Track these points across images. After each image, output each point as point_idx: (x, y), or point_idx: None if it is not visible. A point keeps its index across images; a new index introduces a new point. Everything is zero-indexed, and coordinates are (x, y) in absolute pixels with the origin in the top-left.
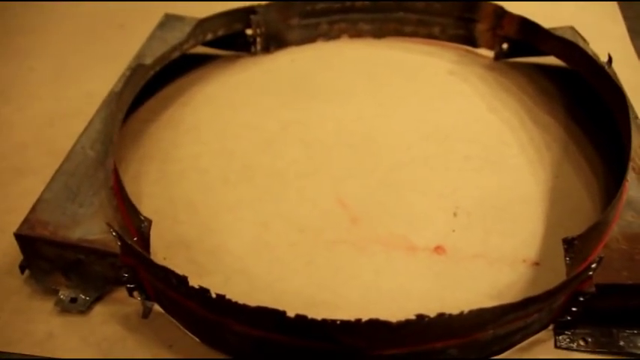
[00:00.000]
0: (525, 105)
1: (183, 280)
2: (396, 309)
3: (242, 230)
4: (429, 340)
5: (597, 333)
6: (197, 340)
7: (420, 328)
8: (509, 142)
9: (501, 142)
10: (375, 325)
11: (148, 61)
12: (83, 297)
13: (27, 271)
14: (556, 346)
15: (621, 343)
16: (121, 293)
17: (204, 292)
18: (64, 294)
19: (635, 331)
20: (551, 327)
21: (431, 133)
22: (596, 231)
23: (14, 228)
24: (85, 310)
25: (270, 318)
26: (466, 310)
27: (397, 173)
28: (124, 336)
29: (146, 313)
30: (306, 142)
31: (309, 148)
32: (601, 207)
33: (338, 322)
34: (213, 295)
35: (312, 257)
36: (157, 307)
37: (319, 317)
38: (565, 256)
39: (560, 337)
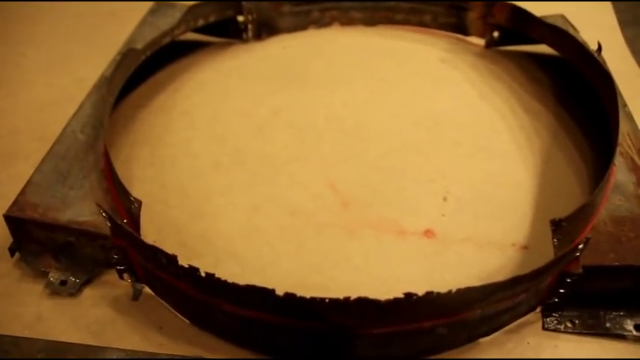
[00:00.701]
0: (516, 92)
1: (172, 259)
2: (385, 291)
3: (233, 214)
4: (418, 319)
5: (584, 315)
6: (187, 321)
7: (409, 306)
8: (500, 128)
9: (492, 128)
10: (364, 303)
11: (139, 46)
12: (73, 279)
13: (17, 254)
14: (544, 328)
15: (608, 324)
16: (111, 276)
17: (193, 271)
18: (54, 276)
19: (622, 313)
20: (538, 309)
21: (421, 120)
22: (583, 213)
23: (4, 212)
24: (75, 292)
25: (259, 297)
26: (454, 289)
27: (388, 158)
28: (114, 318)
29: (136, 296)
30: (297, 128)
31: (300, 134)
32: (589, 193)
33: (327, 301)
34: (203, 274)
35: (303, 240)
36: (146, 290)
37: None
38: (553, 238)
39: (548, 319)
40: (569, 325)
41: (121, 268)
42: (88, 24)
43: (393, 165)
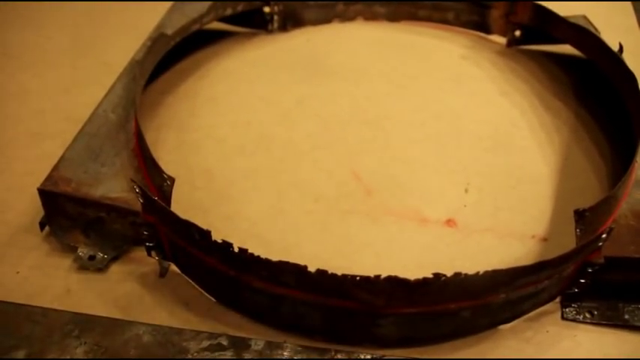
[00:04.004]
0: (536, 90)
1: (206, 234)
2: (407, 276)
3: (258, 198)
4: (444, 300)
5: (603, 306)
6: (213, 300)
7: (437, 286)
8: (520, 124)
9: (512, 124)
10: (393, 281)
11: (168, 32)
12: (101, 255)
13: (46, 229)
14: (563, 318)
15: (626, 316)
16: (138, 253)
17: (227, 246)
18: (83, 251)
19: None
20: (558, 299)
21: (443, 113)
22: (606, 205)
23: (32, 189)
24: (103, 267)
25: (291, 273)
26: (482, 270)
27: (410, 149)
28: (141, 294)
29: (163, 273)
30: (321, 117)
31: (324, 123)
32: (609, 189)
33: (357, 278)
34: (236, 250)
35: (327, 225)
36: (173, 268)
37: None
38: (575, 227)
39: (567, 310)
40: (587, 315)
41: (150, 244)
42: (113, 9)
43: (415, 156)
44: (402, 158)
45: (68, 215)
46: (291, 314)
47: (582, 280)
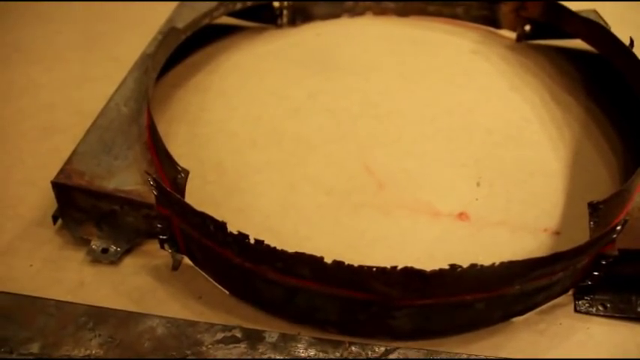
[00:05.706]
0: (546, 85)
1: (221, 225)
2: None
3: (270, 191)
4: (460, 292)
5: (616, 299)
6: (226, 292)
7: (453, 277)
8: (531, 119)
9: (523, 118)
10: (410, 273)
11: (179, 26)
12: (114, 248)
13: (59, 223)
14: (576, 310)
15: (639, 309)
16: (151, 246)
17: (242, 237)
18: (96, 244)
19: None
20: (571, 292)
21: (454, 108)
22: (619, 198)
23: (44, 183)
24: (116, 260)
25: (307, 264)
26: (497, 262)
27: (421, 143)
28: (155, 286)
29: (176, 266)
30: (332, 111)
31: (335, 117)
32: (620, 183)
33: (374, 269)
34: (252, 241)
35: (339, 219)
36: (186, 261)
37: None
38: (589, 220)
39: (580, 302)
40: (600, 308)
41: (163, 237)
42: (122, 5)
43: (427, 150)
44: (413, 152)
45: (81, 208)
46: (305, 306)
47: (596, 273)
